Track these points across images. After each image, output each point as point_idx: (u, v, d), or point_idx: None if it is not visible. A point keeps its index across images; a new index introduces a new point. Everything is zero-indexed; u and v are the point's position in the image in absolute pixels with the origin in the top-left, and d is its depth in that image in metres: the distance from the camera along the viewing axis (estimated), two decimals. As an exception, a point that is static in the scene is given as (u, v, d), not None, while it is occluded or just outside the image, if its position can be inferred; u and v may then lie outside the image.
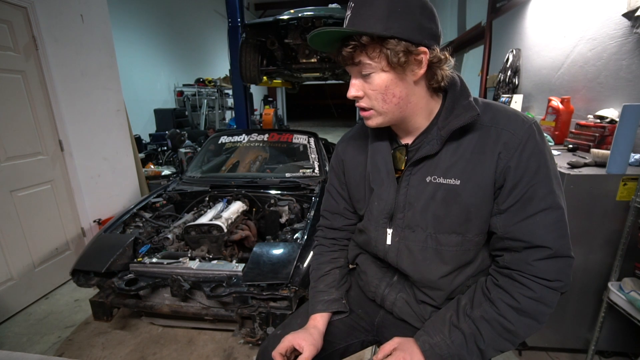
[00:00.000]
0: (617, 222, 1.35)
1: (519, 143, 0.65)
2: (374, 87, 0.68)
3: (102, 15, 2.68)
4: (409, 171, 0.75)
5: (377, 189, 0.79)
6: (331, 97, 10.27)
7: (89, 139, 2.56)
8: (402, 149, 0.78)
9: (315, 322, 0.85)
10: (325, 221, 0.99)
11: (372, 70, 0.67)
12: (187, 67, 7.35)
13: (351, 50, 0.65)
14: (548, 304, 0.66)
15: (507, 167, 0.66)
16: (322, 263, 0.96)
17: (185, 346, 1.77)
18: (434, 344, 0.70)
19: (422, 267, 0.77)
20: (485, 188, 0.68)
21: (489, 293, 0.70)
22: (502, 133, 0.67)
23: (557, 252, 0.65)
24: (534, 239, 0.65)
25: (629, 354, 1.58)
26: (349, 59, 0.67)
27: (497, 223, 0.70)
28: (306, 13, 2.93)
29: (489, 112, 0.70)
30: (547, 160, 0.66)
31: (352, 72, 0.71)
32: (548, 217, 0.65)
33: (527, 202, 0.66)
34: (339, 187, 0.94)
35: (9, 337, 1.88)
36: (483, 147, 0.68)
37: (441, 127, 0.71)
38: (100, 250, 1.71)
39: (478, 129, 0.69)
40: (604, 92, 1.83)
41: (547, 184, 0.65)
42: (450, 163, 0.70)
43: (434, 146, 0.71)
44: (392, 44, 0.63)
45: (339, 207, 0.95)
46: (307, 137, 2.80)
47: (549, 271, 0.65)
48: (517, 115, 0.69)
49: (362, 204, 0.86)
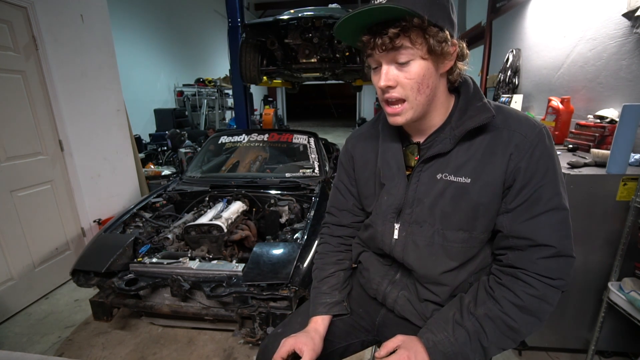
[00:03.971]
0: (617, 222, 1.35)
1: (530, 146, 0.67)
2: (412, 75, 0.67)
3: (102, 15, 2.68)
4: (419, 168, 0.76)
5: (388, 183, 0.80)
6: (331, 97, 10.27)
7: (89, 139, 2.56)
8: (414, 147, 0.79)
9: (316, 325, 0.84)
10: (333, 218, 0.99)
11: (412, 57, 0.65)
12: (187, 67, 7.35)
13: (397, 32, 0.63)
14: (550, 302, 0.68)
15: (517, 168, 0.68)
16: (327, 264, 0.95)
17: (185, 346, 1.77)
18: (437, 341, 0.70)
19: (428, 262, 0.77)
20: (495, 187, 0.70)
21: (492, 291, 0.71)
22: (514, 135, 0.68)
23: (560, 251, 0.66)
24: (538, 238, 0.67)
25: (629, 354, 1.58)
26: (389, 43, 0.64)
27: (503, 221, 0.71)
28: (306, 13, 2.93)
29: (500, 115, 0.71)
30: (555, 164, 0.68)
31: (384, 59, 0.67)
32: (553, 218, 0.67)
33: (534, 202, 0.67)
34: (348, 184, 0.94)
35: (9, 337, 1.88)
36: (495, 147, 0.69)
37: (455, 126, 0.72)
38: (100, 250, 1.71)
39: (490, 130, 0.71)
40: (604, 92, 1.83)
41: (554, 186, 0.67)
42: (461, 162, 0.72)
43: (446, 145, 0.72)
44: (434, 32, 0.64)
45: (347, 203, 0.95)
46: (307, 137, 2.80)
47: (552, 270, 0.67)
48: (527, 119, 0.71)
49: (371, 200, 0.87)
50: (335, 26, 0.66)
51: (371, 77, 0.74)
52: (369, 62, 0.72)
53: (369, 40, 0.66)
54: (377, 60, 0.69)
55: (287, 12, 3.13)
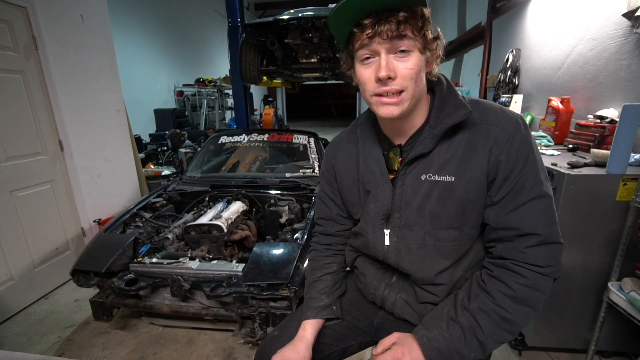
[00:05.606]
0: (617, 222, 1.35)
1: (508, 137, 0.68)
2: (411, 65, 0.65)
3: (102, 15, 2.68)
4: (403, 170, 0.76)
5: (373, 190, 0.79)
6: (331, 97, 10.27)
7: (89, 139, 2.56)
8: (396, 149, 0.79)
9: (304, 332, 0.84)
10: (320, 227, 1.00)
11: (412, 48, 0.65)
12: (187, 67, 7.36)
13: (407, 16, 0.62)
14: (542, 290, 0.68)
15: (498, 161, 0.68)
16: (314, 269, 0.96)
17: (185, 346, 1.77)
18: (431, 337, 0.70)
19: (423, 265, 0.77)
20: (479, 182, 0.70)
21: (484, 284, 0.71)
22: (492, 129, 0.69)
23: (546, 238, 0.67)
24: (524, 227, 0.67)
25: (629, 354, 1.58)
26: (396, 30, 0.62)
27: (490, 214, 0.72)
28: (306, 13, 2.93)
29: (477, 109, 0.71)
30: (533, 151, 0.69)
31: (383, 47, 0.65)
32: (537, 206, 0.67)
33: (517, 192, 0.68)
34: (330, 193, 0.94)
35: (9, 337, 1.88)
36: (474, 143, 0.70)
37: (433, 125, 0.72)
38: (100, 250, 1.71)
39: (469, 126, 0.71)
40: (604, 92, 1.83)
41: (535, 174, 0.68)
42: (443, 160, 0.72)
43: (427, 145, 0.72)
44: (430, 27, 0.65)
45: (331, 213, 0.95)
46: (307, 137, 2.80)
47: (540, 257, 0.67)
48: (503, 111, 0.71)
49: (358, 208, 0.86)
50: (337, 6, 0.62)
51: (356, 71, 0.71)
52: (358, 54, 0.68)
53: (370, 26, 0.63)
54: (374, 49, 0.66)
55: (287, 12, 3.13)
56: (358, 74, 0.71)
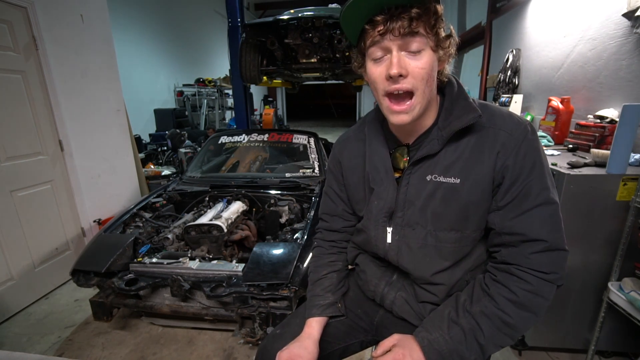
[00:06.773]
0: (617, 222, 1.35)
1: (516, 143, 0.68)
2: (423, 64, 0.64)
3: (102, 15, 2.68)
4: (409, 170, 0.76)
5: (377, 188, 0.80)
6: (331, 97, 10.25)
7: (89, 139, 2.56)
8: (403, 149, 0.79)
9: (310, 330, 0.84)
10: (324, 223, 0.99)
11: (424, 46, 0.64)
12: (187, 67, 7.35)
13: (420, 13, 0.61)
14: (545, 296, 0.68)
15: (505, 166, 0.68)
16: (319, 266, 0.96)
17: (185, 346, 1.77)
18: (432, 339, 0.70)
19: (423, 264, 0.77)
20: (484, 186, 0.70)
21: (487, 289, 0.71)
22: (500, 133, 0.69)
23: (552, 245, 0.67)
24: (530, 233, 0.67)
25: (629, 354, 1.58)
26: (408, 26, 0.61)
27: (495, 219, 0.71)
28: (306, 13, 2.93)
29: (485, 113, 0.71)
30: (541, 158, 0.68)
31: (395, 45, 0.64)
32: (543, 212, 0.67)
33: (523, 198, 0.68)
34: (337, 189, 0.94)
35: (9, 337, 1.88)
36: (482, 146, 0.70)
37: (442, 127, 0.72)
38: (100, 250, 1.71)
39: (476, 129, 0.71)
40: (604, 92, 1.84)
41: (542, 181, 0.67)
42: (449, 162, 0.72)
43: (434, 146, 0.72)
44: (443, 25, 0.64)
45: (337, 209, 0.95)
46: (307, 137, 2.80)
47: (545, 264, 0.67)
48: (512, 117, 0.71)
49: (362, 205, 0.87)
50: (349, 2, 0.62)
51: (367, 69, 0.70)
52: (370, 51, 0.68)
53: (383, 22, 0.63)
54: (385, 47, 0.65)
55: (287, 12, 3.13)
56: (369, 71, 0.70)
